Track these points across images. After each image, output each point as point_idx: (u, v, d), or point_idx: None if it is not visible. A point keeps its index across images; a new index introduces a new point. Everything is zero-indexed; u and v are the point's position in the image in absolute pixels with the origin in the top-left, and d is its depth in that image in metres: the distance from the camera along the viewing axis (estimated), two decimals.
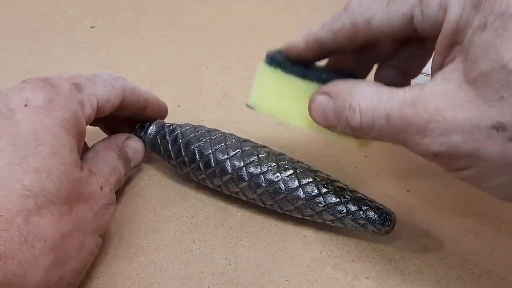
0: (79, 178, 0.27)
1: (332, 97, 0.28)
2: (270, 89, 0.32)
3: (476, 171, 0.23)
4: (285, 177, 0.32)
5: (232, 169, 0.33)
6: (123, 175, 0.34)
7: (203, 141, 0.34)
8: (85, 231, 0.28)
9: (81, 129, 0.29)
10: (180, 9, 0.61)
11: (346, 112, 0.26)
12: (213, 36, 0.55)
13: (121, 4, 0.61)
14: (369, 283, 0.31)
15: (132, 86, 0.35)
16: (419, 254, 0.32)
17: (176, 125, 0.36)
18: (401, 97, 0.24)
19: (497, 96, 0.21)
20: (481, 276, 0.31)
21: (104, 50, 0.53)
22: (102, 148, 0.34)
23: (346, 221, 0.32)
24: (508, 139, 0.21)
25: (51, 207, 0.25)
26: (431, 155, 0.24)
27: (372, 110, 0.25)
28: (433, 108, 0.23)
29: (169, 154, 0.35)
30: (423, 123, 0.23)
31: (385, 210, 0.32)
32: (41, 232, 0.25)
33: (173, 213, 0.35)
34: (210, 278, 0.31)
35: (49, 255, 0.25)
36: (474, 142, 0.22)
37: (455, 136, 0.22)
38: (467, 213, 0.35)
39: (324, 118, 0.28)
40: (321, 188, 0.32)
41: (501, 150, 0.22)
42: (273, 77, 0.32)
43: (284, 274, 0.31)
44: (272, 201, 0.33)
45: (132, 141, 0.36)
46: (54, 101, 0.28)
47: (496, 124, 0.22)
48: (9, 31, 0.55)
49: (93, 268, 0.31)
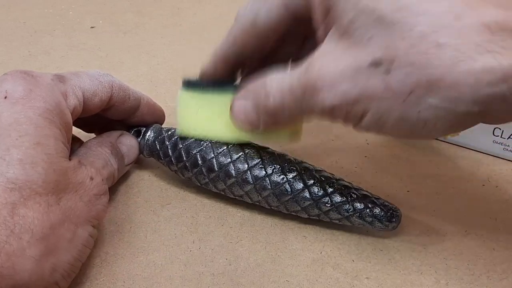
0: (66, 168, 0.27)
1: (249, 95, 0.29)
2: (192, 112, 0.33)
3: (373, 115, 0.24)
4: (290, 179, 0.32)
5: (237, 173, 0.33)
6: (116, 170, 0.34)
7: (204, 145, 0.34)
8: (76, 221, 0.27)
9: (66, 120, 0.29)
10: (180, 10, 0.61)
11: (262, 101, 0.28)
12: (213, 37, 0.55)
13: (121, 5, 0.61)
14: (369, 283, 0.31)
15: (120, 83, 0.34)
16: (419, 254, 0.32)
17: (175, 130, 0.36)
18: (299, 69, 0.26)
19: (366, 37, 0.23)
20: (481, 276, 0.31)
21: (104, 51, 0.53)
22: (94, 144, 0.34)
23: (353, 219, 0.32)
24: (386, 71, 0.23)
25: (38, 198, 0.25)
26: (330, 111, 0.25)
27: (280, 88, 0.27)
28: (319, 67, 0.25)
29: (170, 159, 0.35)
30: (313, 83, 0.25)
31: (391, 207, 0.32)
32: (28, 224, 0.25)
33: (173, 213, 0.35)
34: (210, 279, 0.31)
35: (38, 246, 0.25)
36: (359, 85, 0.24)
37: (343, 84, 0.24)
38: (467, 213, 0.35)
39: (246, 120, 0.30)
40: (327, 188, 0.32)
41: (383, 83, 0.23)
42: (193, 100, 0.33)
43: (284, 274, 0.31)
44: (278, 203, 0.33)
45: (125, 137, 0.36)
46: (34, 91, 0.28)
47: (373, 62, 0.23)
48: (9, 32, 0.55)
49: (93, 268, 0.31)
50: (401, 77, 0.22)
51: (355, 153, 0.40)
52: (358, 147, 0.41)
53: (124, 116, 0.36)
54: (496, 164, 0.39)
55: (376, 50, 0.23)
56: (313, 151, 0.40)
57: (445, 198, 0.36)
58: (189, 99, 0.34)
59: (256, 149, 0.33)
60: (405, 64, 0.22)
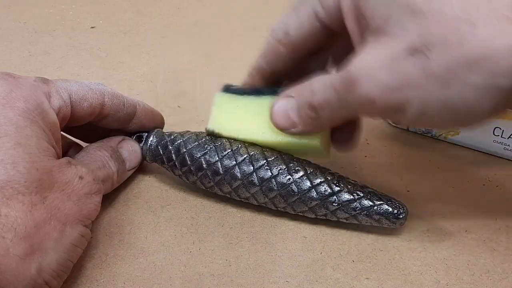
0: (50, 166, 0.27)
1: (293, 95, 0.30)
2: (227, 112, 0.34)
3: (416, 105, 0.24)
4: (296, 179, 0.32)
5: (242, 175, 0.33)
6: (115, 173, 0.33)
7: (208, 148, 0.34)
8: (65, 220, 0.27)
9: (50, 120, 0.29)
10: (180, 9, 0.61)
11: (307, 98, 0.29)
12: (213, 36, 0.55)
13: (121, 5, 0.61)
14: (369, 283, 0.31)
15: (113, 91, 0.34)
16: (419, 254, 0.32)
17: (177, 134, 0.36)
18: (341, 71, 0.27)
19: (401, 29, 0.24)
20: (481, 276, 0.31)
21: (104, 51, 0.53)
22: (93, 147, 0.34)
23: (360, 218, 0.32)
24: (424, 57, 0.23)
25: (21, 198, 0.25)
26: (371, 103, 0.25)
27: (323, 84, 0.28)
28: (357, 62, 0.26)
29: (174, 164, 0.35)
30: (353, 76, 0.25)
31: (397, 204, 0.32)
32: (11, 223, 0.25)
33: (173, 214, 0.35)
34: (210, 279, 0.31)
35: (22, 245, 0.25)
36: (399, 74, 0.24)
37: (382, 75, 0.24)
38: (467, 213, 0.35)
39: (286, 117, 0.30)
40: (333, 187, 0.32)
41: (422, 69, 0.23)
42: (230, 101, 0.34)
43: (284, 274, 0.31)
44: (285, 204, 0.33)
45: (127, 142, 0.36)
46: (14, 91, 0.28)
47: (410, 49, 0.24)
48: (9, 32, 0.55)
49: (93, 269, 0.31)
50: (439, 60, 0.23)
51: (355, 153, 0.40)
52: (358, 147, 0.41)
53: (122, 125, 0.36)
54: (496, 164, 0.39)
55: (412, 38, 0.23)
56: None
57: (445, 198, 0.36)
58: (226, 99, 0.34)
59: (261, 151, 0.33)
60: (441, 46, 0.23)
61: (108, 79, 0.48)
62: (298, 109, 0.30)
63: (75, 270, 0.31)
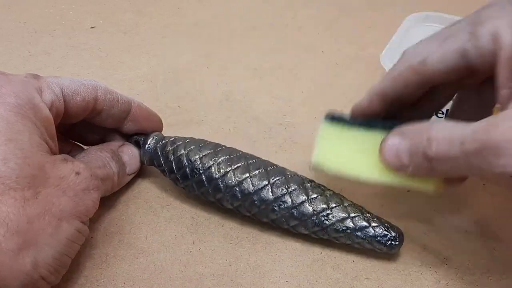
0: (43, 162, 0.27)
1: (407, 136, 0.28)
2: (333, 145, 0.31)
3: None
4: (297, 205, 0.32)
5: (242, 195, 0.32)
6: (116, 174, 0.33)
7: (209, 166, 0.33)
8: (60, 215, 0.27)
9: (42, 115, 0.29)
10: (180, 9, 0.61)
11: (422, 144, 0.26)
12: (213, 36, 0.55)
13: (121, 5, 0.61)
14: (369, 283, 0.31)
15: (106, 86, 0.34)
16: (419, 254, 0.32)
17: (181, 143, 0.35)
18: (474, 125, 0.24)
19: None
20: (481, 276, 0.31)
21: (104, 51, 0.53)
22: (95, 148, 0.34)
23: (353, 238, 0.32)
24: None
25: (13, 193, 0.25)
26: (508, 178, 0.23)
27: (447, 139, 0.25)
28: (505, 129, 0.23)
29: (176, 177, 0.34)
30: (496, 144, 0.23)
31: (393, 228, 0.32)
32: (3, 218, 0.25)
33: (173, 214, 0.35)
34: (210, 279, 0.31)
35: (15, 240, 0.25)
36: None
37: None
38: (467, 213, 0.35)
39: (397, 158, 0.28)
40: (350, 212, 0.32)
41: None
42: (336, 133, 0.31)
43: (284, 274, 0.31)
44: (296, 222, 0.32)
45: (127, 147, 0.36)
46: (4, 87, 0.28)
47: None
48: (9, 32, 0.55)
49: (93, 269, 0.31)
50: None
51: None
52: None
53: (117, 123, 0.35)
54: None
55: None
56: None
57: (445, 198, 0.36)
58: (332, 132, 0.32)
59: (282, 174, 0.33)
60: None
61: (108, 79, 0.48)
62: (411, 154, 0.27)
63: (75, 270, 0.31)
